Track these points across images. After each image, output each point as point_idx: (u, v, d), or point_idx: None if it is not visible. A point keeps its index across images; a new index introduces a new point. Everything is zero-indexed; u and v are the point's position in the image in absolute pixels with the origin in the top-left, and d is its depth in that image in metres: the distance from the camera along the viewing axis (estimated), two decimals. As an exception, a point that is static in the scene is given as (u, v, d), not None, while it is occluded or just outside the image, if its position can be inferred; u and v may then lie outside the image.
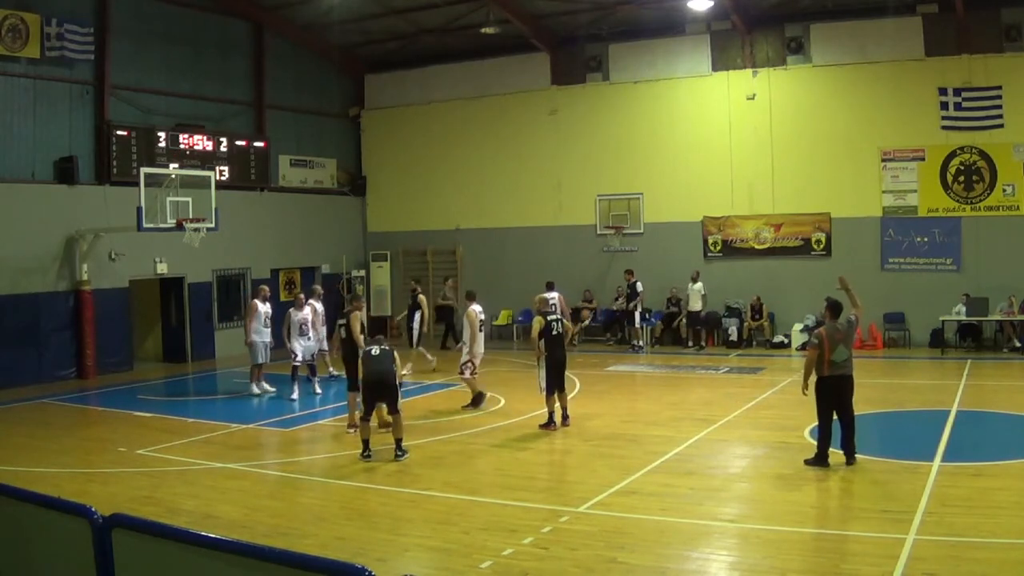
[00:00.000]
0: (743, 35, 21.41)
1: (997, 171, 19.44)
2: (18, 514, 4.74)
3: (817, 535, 7.57)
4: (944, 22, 19.53)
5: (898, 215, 20.34)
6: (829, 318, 10.05)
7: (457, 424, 12.90)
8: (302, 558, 3.61)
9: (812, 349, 9.93)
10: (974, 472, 9.36)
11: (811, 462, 9.70)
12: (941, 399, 13.72)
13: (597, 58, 23.20)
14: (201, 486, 9.92)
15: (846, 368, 9.81)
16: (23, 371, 17.31)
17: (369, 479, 9.92)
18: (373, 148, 26.27)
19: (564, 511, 8.36)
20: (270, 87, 23.30)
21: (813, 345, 9.93)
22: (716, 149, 21.77)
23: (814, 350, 9.85)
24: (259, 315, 15.78)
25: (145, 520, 4.42)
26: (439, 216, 25.05)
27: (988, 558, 6.90)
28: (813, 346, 9.92)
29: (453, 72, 24.66)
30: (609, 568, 6.94)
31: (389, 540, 7.80)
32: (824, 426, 9.79)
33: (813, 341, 9.99)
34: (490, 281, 23.40)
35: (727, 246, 21.92)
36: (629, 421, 12.86)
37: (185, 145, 20.79)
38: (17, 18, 17.39)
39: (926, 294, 19.75)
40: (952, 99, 19.65)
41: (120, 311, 19.54)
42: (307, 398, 15.34)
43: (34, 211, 17.89)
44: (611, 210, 23.07)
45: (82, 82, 18.94)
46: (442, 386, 16.38)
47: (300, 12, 22.81)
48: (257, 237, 22.50)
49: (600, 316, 22.82)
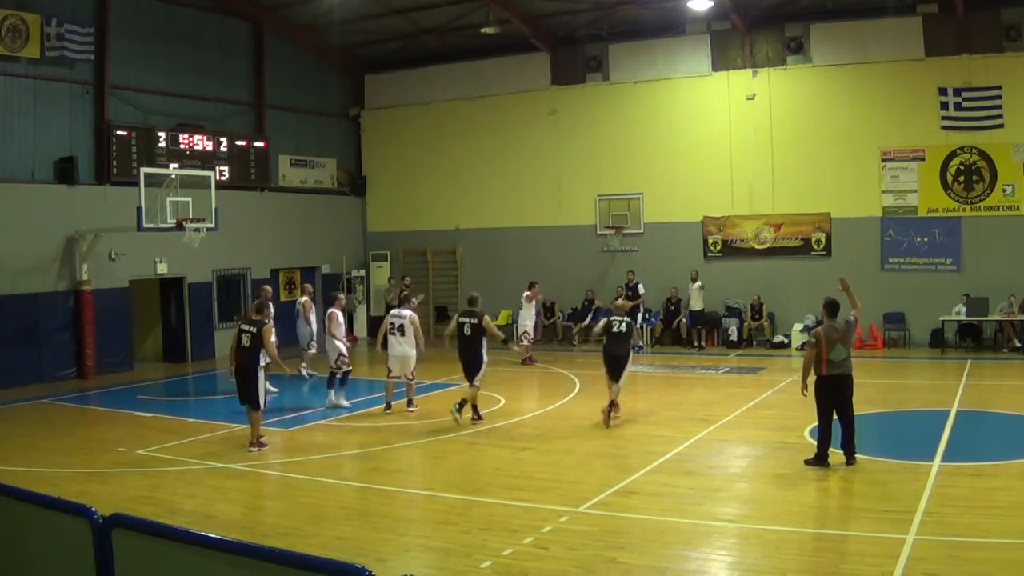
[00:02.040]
0: (743, 35, 21.41)
1: (997, 171, 19.44)
2: (18, 514, 4.74)
3: (817, 535, 7.57)
4: (944, 22, 19.53)
5: (898, 215, 20.33)
6: (826, 318, 10.07)
7: (457, 424, 12.89)
8: (302, 558, 3.61)
9: (810, 348, 9.97)
10: (974, 472, 9.36)
11: (811, 462, 9.71)
12: (941, 399, 13.72)
13: (597, 58, 23.20)
14: (201, 486, 9.92)
15: (844, 367, 9.82)
16: (23, 371, 17.31)
17: (369, 479, 9.92)
18: (373, 148, 26.27)
19: (564, 511, 8.36)
20: (270, 87, 23.30)
21: (811, 344, 9.97)
22: (716, 149, 21.77)
23: (812, 349, 9.88)
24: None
25: (145, 520, 4.42)
26: (439, 216, 25.05)
27: (988, 558, 6.90)
28: (811, 345, 9.96)
29: (453, 72, 24.66)
30: (609, 568, 6.94)
31: (389, 540, 7.80)
32: (824, 426, 9.80)
33: (811, 340, 10.03)
34: (490, 281, 23.40)
35: (727, 246, 21.92)
36: (629, 421, 12.86)
37: (185, 145, 20.79)
38: (17, 18, 17.39)
39: (926, 294, 19.75)
40: (952, 99, 19.65)
41: (120, 311, 19.53)
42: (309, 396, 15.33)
43: (34, 211, 17.89)
44: (611, 210, 23.07)
45: (82, 82, 18.94)
46: (442, 386, 16.38)
47: (300, 12, 22.81)
48: (257, 237, 22.50)
49: (600, 316, 22.77)
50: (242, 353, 11.45)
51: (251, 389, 11.42)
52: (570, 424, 12.75)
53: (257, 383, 11.47)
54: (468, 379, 12.95)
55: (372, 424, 13.27)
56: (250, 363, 11.44)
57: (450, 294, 25.14)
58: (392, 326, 13.66)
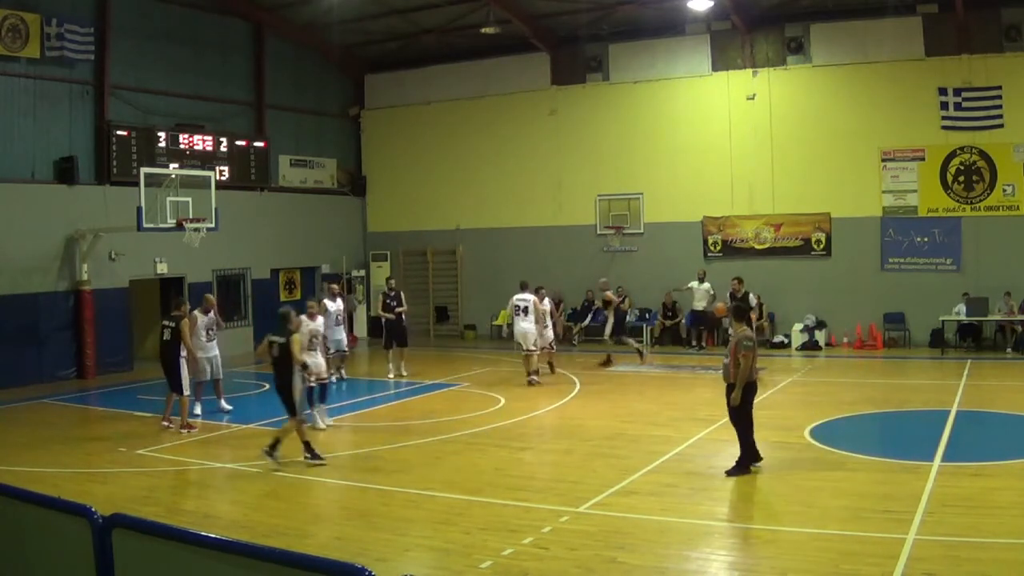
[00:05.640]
0: (743, 35, 21.42)
1: (997, 171, 19.44)
2: (18, 514, 4.74)
3: (817, 535, 7.56)
4: (944, 22, 19.53)
5: (898, 215, 20.33)
6: (746, 325, 9.93)
7: (457, 424, 12.89)
8: (302, 558, 3.61)
9: (748, 353, 9.52)
10: (974, 472, 9.36)
11: (734, 472, 9.45)
12: (941, 399, 13.71)
13: (597, 58, 23.21)
14: (201, 486, 9.93)
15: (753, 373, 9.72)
16: (23, 371, 17.30)
17: (369, 479, 9.91)
18: (373, 148, 26.27)
19: (564, 511, 8.35)
20: (270, 87, 23.30)
21: (749, 348, 9.55)
22: (716, 149, 21.77)
23: (750, 354, 9.53)
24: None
25: (145, 520, 4.42)
26: (439, 216, 25.05)
27: (988, 558, 6.90)
28: (749, 349, 9.54)
29: (453, 72, 24.66)
30: (609, 568, 6.94)
31: (389, 540, 7.79)
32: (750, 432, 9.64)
33: (747, 344, 9.57)
34: (490, 281, 23.40)
35: (727, 246, 21.92)
36: (629, 421, 12.86)
37: (185, 145, 20.79)
38: (17, 18, 17.39)
39: (926, 294, 19.74)
40: (952, 99, 19.65)
41: (120, 311, 19.53)
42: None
43: (34, 211, 17.89)
44: (611, 210, 23.08)
45: (82, 82, 18.94)
46: (442, 386, 16.38)
47: (300, 12, 22.81)
48: (257, 237, 22.50)
49: (600, 316, 22.77)
50: (163, 346, 12.92)
51: (174, 378, 12.75)
52: (570, 424, 12.75)
53: (179, 372, 12.73)
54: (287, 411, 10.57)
55: (372, 424, 13.28)
56: (171, 354, 12.79)
57: (450, 294, 25.16)
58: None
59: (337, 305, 16.31)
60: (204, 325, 13.76)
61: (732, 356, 9.60)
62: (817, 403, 13.81)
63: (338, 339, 16.24)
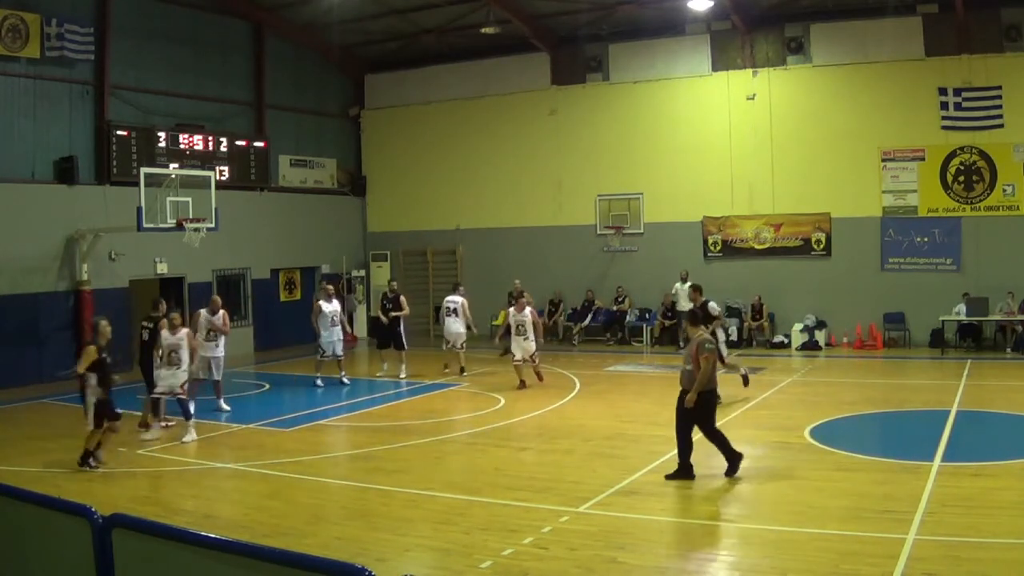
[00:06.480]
0: (743, 35, 21.42)
1: (997, 171, 19.44)
2: (18, 514, 4.74)
3: (817, 535, 7.56)
4: (944, 22, 19.53)
5: (898, 215, 20.34)
6: (693, 328, 9.75)
7: (457, 424, 12.90)
8: (302, 558, 3.61)
9: (710, 355, 9.33)
10: (974, 472, 9.35)
11: (674, 476, 9.35)
12: (941, 399, 13.71)
13: (597, 58, 23.21)
14: (201, 486, 9.92)
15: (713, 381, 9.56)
16: (23, 371, 17.29)
17: (369, 479, 9.91)
18: (373, 148, 26.27)
19: (564, 511, 8.35)
20: (270, 87, 23.29)
21: (711, 351, 9.38)
22: (716, 149, 21.77)
23: (712, 356, 9.37)
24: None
25: (145, 520, 4.42)
26: (439, 216, 25.05)
27: (988, 558, 6.90)
28: (711, 352, 9.37)
29: (453, 72, 24.66)
30: (609, 568, 6.94)
31: (389, 540, 7.79)
32: (691, 437, 9.51)
33: (709, 347, 9.37)
34: (490, 281, 23.39)
35: (727, 246, 21.92)
36: (629, 421, 12.86)
37: (185, 145, 20.79)
38: (17, 18, 17.39)
39: (926, 294, 19.74)
40: (952, 99, 19.65)
41: (120, 311, 19.47)
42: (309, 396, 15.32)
43: (34, 211, 17.89)
44: (611, 210, 23.07)
45: (82, 82, 18.94)
46: (442, 386, 16.38)
47: (300, 12, 22.81)
48: (257, 237, 22.50)
49: (600, 316, 22.81)
50: (142, 346, 13.32)
51: (150, 377, 13.00)
52: (570, 424, 12.74)
53: (152, 372, 12.83)
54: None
55: (372, 424, 13.28)
56: (149, 355, 13.02)
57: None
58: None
59: (333, 306, 16.35)
60: (204, 325, 13.85)
61: (693, 360, 9.29)
62: (817, 403, 13.81)
63: (331, 341, 16.25)
